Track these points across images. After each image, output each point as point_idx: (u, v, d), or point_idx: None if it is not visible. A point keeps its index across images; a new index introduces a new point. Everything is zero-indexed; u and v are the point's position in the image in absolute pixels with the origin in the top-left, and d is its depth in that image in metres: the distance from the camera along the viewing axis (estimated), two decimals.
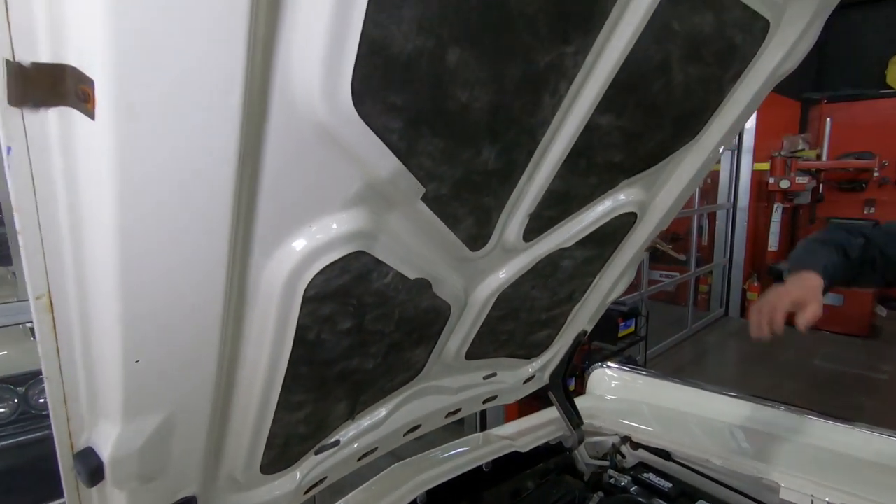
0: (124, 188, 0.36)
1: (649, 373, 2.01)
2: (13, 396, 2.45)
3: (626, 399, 1.81)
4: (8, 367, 2.56)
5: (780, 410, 1.50)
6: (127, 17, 0.30)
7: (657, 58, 0.77)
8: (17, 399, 2.46)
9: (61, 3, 0.30)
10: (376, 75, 0.46)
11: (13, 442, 2.43)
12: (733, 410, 1.58)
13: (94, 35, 0.30)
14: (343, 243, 0.59)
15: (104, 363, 0.48)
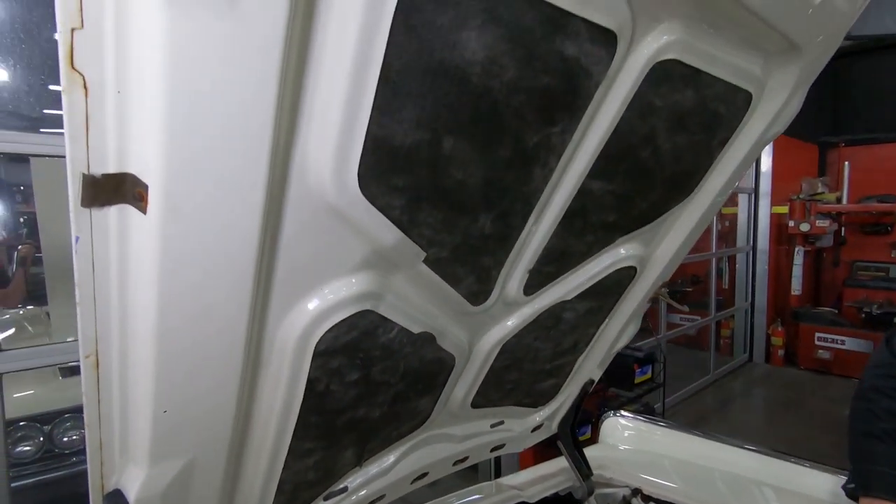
0: (164, 269, 0.43)
1: (665, 423, 1.98)
2: (39, 435, 2.52)
3: (640, 450, 1.79)
4: (35, 406, 2.65)
5: (808, 468, 1.46)
6: (176, 138, 0.38)
7: (643, 130, 0.84)
8: (43, 438, 2.53)
9: (128, 127, 0.38)
10: (379, 164, 0.53)
11: (38, 480, 2.48)
12: (755, 465, 1.55)
13: (151, 151, 0.38)
14: (351, 303, 0.65)
15: (136, 413, 0.55)
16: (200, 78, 0.37)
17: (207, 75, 0.37)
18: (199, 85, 0.37)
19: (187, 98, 0.37)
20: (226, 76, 0.38)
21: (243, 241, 0.47)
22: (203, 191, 0.42)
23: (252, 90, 0.40)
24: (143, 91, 0.37)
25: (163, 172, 0.39)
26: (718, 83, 0.88)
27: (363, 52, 0.45)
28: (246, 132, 0.41)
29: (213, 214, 0.43)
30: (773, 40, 0.90)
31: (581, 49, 0.63)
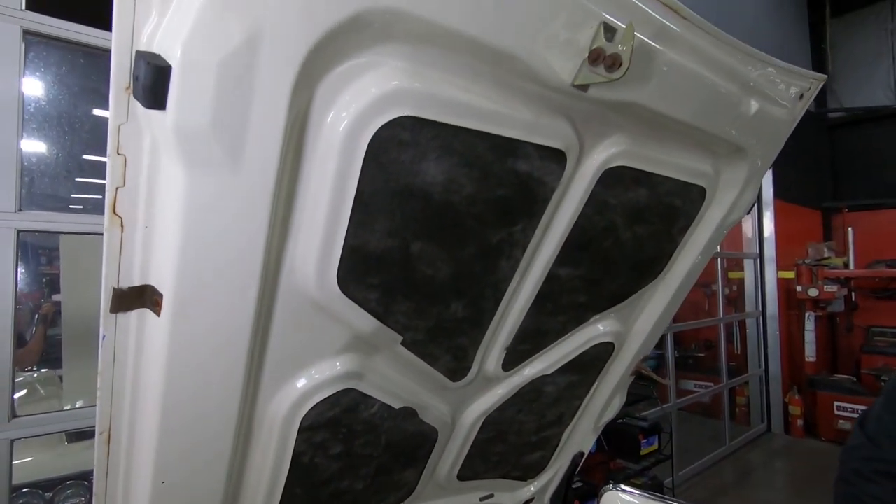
0: (171, 358, 0.53)
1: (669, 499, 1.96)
2: (40, 501, 2.53)
3: None
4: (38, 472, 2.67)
5: None
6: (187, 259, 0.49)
7: (602, 224, 0.95)
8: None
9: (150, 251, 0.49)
10: (355, 267, 0.63)
11: None
12: None
13: (167, 268, 0.49)
14: (334, 383, 0.73)
15: (139, 483, 0.62)
16: (207, 214, 0.48)
17: (213, 212, 0.48)
18: (206, 219, 0.48)
19: (197, 229, 0.48)
20: (227, 211, 0.49)
21: (237, 334, 0.56)
22: (205, 296, 0.52)
23: (247, 220, 0.51)
24: (164, 225, 0.48)
25: (175, 284, 0.50)
26: (670, 181, 0.99)
27: (340, 183, 0.57)
28: (242, 251, 0.52)
29: (213, 314, 0.53)
30: (719, 145, 1.02)
31: (533, 165, 0.74)
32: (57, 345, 3.78)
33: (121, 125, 0.43)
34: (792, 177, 6.61)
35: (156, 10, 0.40)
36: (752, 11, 6.23)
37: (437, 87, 0.58)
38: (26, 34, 1.69)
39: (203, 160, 0.45)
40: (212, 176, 0.46)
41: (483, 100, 0.64)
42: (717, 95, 0.90)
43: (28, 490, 2.56)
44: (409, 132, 0.58)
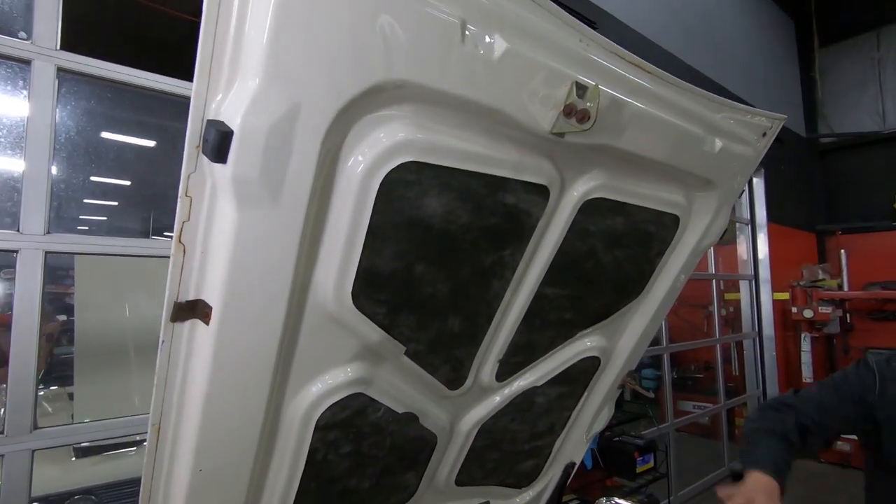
0: (215, 361, 0.64)
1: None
2: None
3: None
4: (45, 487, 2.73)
5: None
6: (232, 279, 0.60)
7: (584, 248, 1.06)
8: None
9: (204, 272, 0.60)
10: (367, 286, 0.75)
11: None
12: None
13: (216, 286, 0.60)
14: (346, 387, 0.84)
15: (179, 470, 0.72)
16: (250, 243, 0.60)
17: (255, 241, 0.60)
18: (249, 247, 0.60)
19: (241, 255, 0.60)
20: (265, 241, 0.61)
21: (268, 343, 0.67)
22: (244, 310, 0.63)
23: (281, 248, 0.62)
24: (216, 252, 0.59)
25: (222, 299, 0.61)
26: (645, 210, 1.11)
27: (356, 217, 0.68)
28: (275, 273, 0.63)
29: (250, 325, 0.64)
30: (689, 178, 1.14)
31: (519, 198, 0.86)
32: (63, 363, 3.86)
33: (190, 174, 0.55)
34: (786, 200, 6.77)
35: (223, 88, 0.53)
36: (746, 45, 6.48)
37: (436, 136, 0.70)
38: (60, 71, 1.84)
39: (250, 201, 0.57)
40: (256, 213, 0.58)
41: (475, 146, 0.76)
42: (683, 136, 1.02)
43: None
44: (414, 174, 0.70)
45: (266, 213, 0.59)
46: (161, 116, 3.85)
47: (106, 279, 3.01)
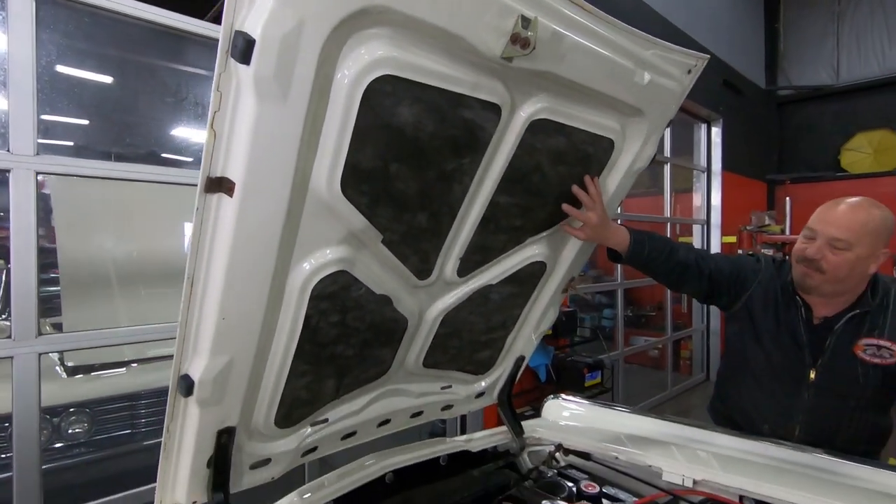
0: (237, 228, 0.83)
1: (596, 402, 2.37)
2: (48, 426, 2.79)
3: (573, 423, 2.16)
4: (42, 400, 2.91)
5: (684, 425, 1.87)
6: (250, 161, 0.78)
7: (531, 163, 1.27)
8: (52, 429, 2.79)
9: (229, 153, 0.78)
10: (353, 178, 0.94)
11: (45, 468, 2.73)
12: (650, 426, 1.95)
13: (238, 166, 0.79)
14: (334, 264, 1.05)
15: (206, 318, 0.92)
16: (265, 131, 0.78)
17: (268, 130, 0.78)
18: (264, 134, 0.78)
19: (258, 141, 0.78)
20: (276, 130, 0.79)
21: (276, 217, 0.86)
22: (259, 188, 0.82)
23: (288, 137, 0.80)
24: (239, 136, 0.77)
25: (242, 177, 0.79)
26: (584, 133, 1.32)
27: (344, 120, 0.87)
28: (282, 158, 0.81)
29: (263, 201, 0.83)
30: (622, 106, 1.35)
31: (476, 114, 1.06)
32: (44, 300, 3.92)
33: (221, 73, 0.72)
34: (741, 149, 7.13)
35: (246, 5, 0.69)
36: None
37: (409, 55, 0.88)
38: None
39: (266, 97, 0.74)
40: (270, 107, 0.76)
41: (441, 66, 0.94)
42: (616, 68, 1.22)
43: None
44: (390, 86, 0.88)
45: (277, 108, 0.77)
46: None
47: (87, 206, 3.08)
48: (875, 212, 1.58)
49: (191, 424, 1.04)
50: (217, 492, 1.14)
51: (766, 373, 1.83)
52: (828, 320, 1.70)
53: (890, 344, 1.61)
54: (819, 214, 1.66)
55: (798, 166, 8.06)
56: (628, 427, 1.97)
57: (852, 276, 1.61)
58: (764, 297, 1.80)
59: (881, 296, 1.65)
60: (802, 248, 1.66)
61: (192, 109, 4.52)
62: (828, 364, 1.70)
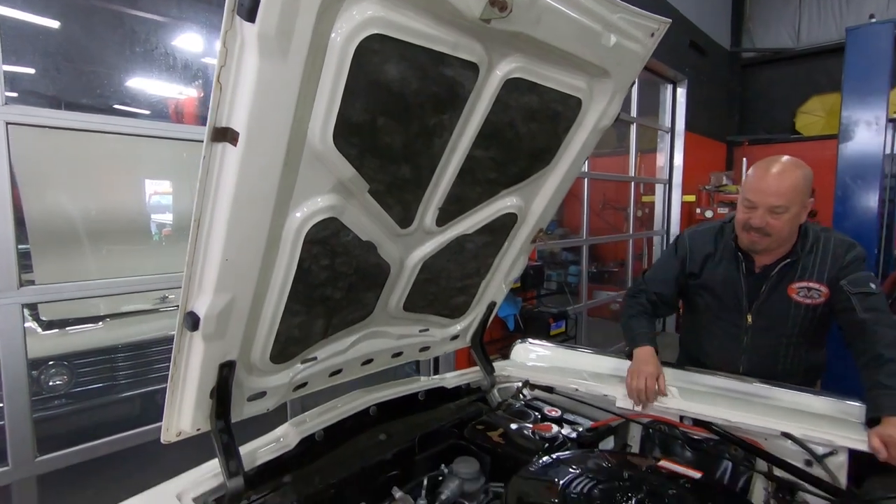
0: (239, 175, 0.90)
1: (560, 345, 2.58)
2: None
3: (539, 363, 2.36)
4: None
5: None
6: (252, 113, 0.86)
7: (505, 119, 1.37)
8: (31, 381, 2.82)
9: (233, 105, 0.85)
10: (344, 130, 1.02)
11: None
12: (608, 364, 2.16)
13: (242, 117, 0.86)
14: (325, 211, 1.14)
15: (209, 259, 1.01)
16: (266, 86, 0.85)
17: (269, 85, 0.85)
18: (265, 88, 0.85)
19: (260, 94, 0.85)
20: (275, 84, 0.86)
21: (275, 165, 0.94)
22: (260, 138, 0.89)
23: (286, 91, 0.88)
24: (242, 90, 0.84)
25: (245, 127, 0.87)
26: (554, 91, 1.42)
27: (337, 75, 0.94)
28: (281, 109, 0.89)
29: (263, 150, 0.91)
30: (589, 67, 1.45)
31: (456, 72, 1.14)
32: None
33: (227, 30, 0.78)
34: (703, 110, 7.34)
35: None
36: None
37: (396, 16, 0.95)
38: None
39: (268, 54, 0.81)
40: (271, 63, 0.83)
41: (425, 26, 1.02)
42: (585, 30, 1.30)
43: None
44: (379, 45, 0.96)
45: (278, 64, 0.84)
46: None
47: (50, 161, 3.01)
48: (799, 172, 1.76)
49: (195, 358, 1.15)
50: (219, 420, 1.26)
51: (711, 320, 2.06)
52: (766, 268, 1.91)
53: (818, 285, 1.83)
54: (754, 184, 1.81)
55: (757, 128, 8.37)
56: (589, 365, 2.18)
57: (793, 231, 1.82)
58: (705, 262, 2.01)
59: (811, 242, 1.86)
60: (746, 217, 1.82)
61: (146, 57, 4.34)
62: (762, 307, 1.92)
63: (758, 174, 1.80)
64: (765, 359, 1.98)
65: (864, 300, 1.67)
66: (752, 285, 1.94)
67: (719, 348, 2.07)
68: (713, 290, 2.02)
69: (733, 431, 1.54)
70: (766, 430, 1.49)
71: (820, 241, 1.86)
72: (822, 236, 1.87)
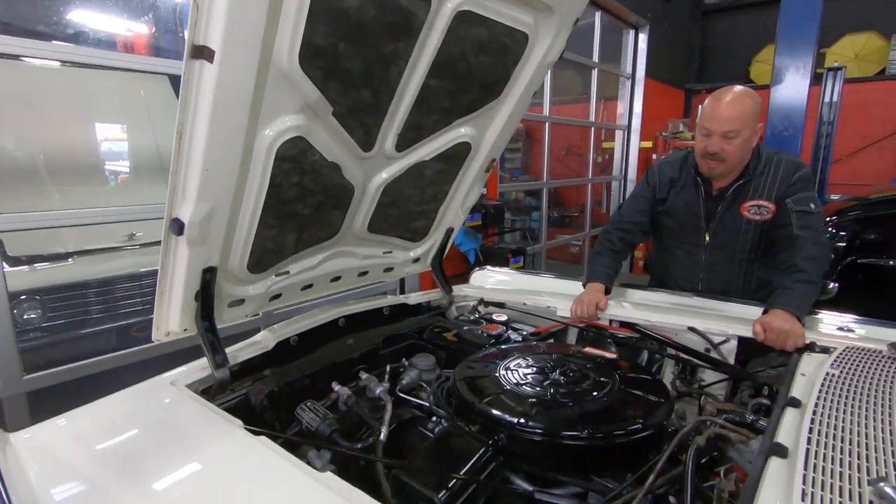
0: (216, 88, 1.02)
1: (517, 271, 2.81)
2: None
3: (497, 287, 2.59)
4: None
5: None
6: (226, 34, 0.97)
7: (457, 50, 1.50)
8: None
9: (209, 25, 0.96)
10: (308, 53, 1.14)
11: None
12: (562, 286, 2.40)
13: (216, 36, 0.97)
14: (293, 130, 1.27)
15: (192, 168, 1.14)
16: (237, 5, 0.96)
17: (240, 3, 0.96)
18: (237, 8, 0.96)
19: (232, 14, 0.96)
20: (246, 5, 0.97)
21: (247, 82, 1.07)
22: (233, 56, 1.01)
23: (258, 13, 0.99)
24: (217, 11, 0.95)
25: (220, 46, 0.98)
26: (502, 25, 1.55)
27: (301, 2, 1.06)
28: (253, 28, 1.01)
29: (236, 66, 1.03)
30: (535, 2, 1.57)
31: (410, 2, 1.26)
32: None
33: None
34: (664, 58, 7.49)
35: None
36: None
37: None
38: None
39: None
40: None
41: None
42: None
43: None
44: None
45: None
46: None
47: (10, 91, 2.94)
48: (748, 99, 1.93)
49: (181, 262, 1.29)
50: (204, 321, 1.42)
51: (674, 243, 2.27)
52: (721, 190, 2.10)
53: (767, 203, 2.03)
54: (708, 113, 1.97)
55: (716, 77, 8.61)
56: (541, 286, 2.42)
57: (745, 154, 2.00)
58: (671, 188, 2.21)
59: (763, 164, 2.04)
60: (703, 145, 1.98)
61: None
62: (717, 227, 2.12)
63: (711, 104, 1.97)
64: (721, 275, 2.18)
65: (801, 218, 1.88)
66: (710, 207, 2.12)
67: (681, 267, 2.27)
68: (675, 215, 2.21)
69: (652, 330, 1.82)
70: (677, 327, 1.77)
71: (772, 161, 2.03)
72: (774, 158, 2.05)
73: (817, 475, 0.80)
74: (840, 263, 3.61)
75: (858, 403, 1.02)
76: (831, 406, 1.02)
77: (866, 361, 1.26)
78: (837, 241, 3.70)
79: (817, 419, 0.96)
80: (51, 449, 1.12)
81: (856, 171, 7.29)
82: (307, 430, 1.28)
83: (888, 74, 7.28)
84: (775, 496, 0.77)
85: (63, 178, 3.41)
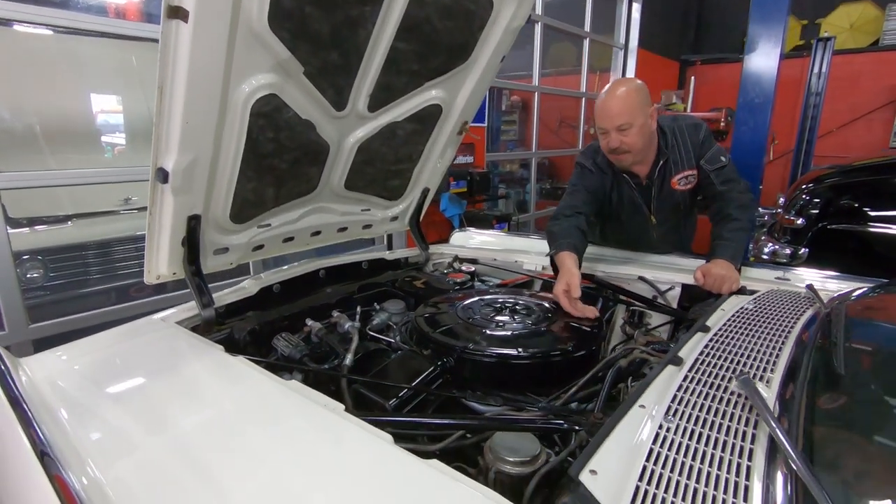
0: (192, 47, 1.14)
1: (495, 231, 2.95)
2: None
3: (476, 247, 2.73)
4: None
5: None
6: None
7: (422, 15, 1.59)
8: None
9: None
10: (277, 14, 1.25)
11: None
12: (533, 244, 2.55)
13: None
14: (266, 88, 1.38)
15: (173, 122, 1.27)
16: None
17: None
18: None
19: None
20: None
21: (221, 40, 1.18)
22: (206, 16, 1.13)
23: None
24: None
25: (194, 7, 1.10)
26: None
27: None
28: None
29: (211, 25, 1.15)
30: None
31: None
32: None
33: None
34: (658, 28, 7.46)
35: None
36: None
37: None
38: None
39: None
40: None
41: None
42: None
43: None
44: None
45: None
46: None
47: None
48: (631, 89, 1.99)
49: (167, 209, 1.43)
50: (191, 265, 1.57)
51: (623, 230, 2.41)
52: (648, 177, 2.22)
53: (691, 171, 2.18)
54: (599, 113, 2.01)
55: (710, 48, 8.56)
56: (517, 245, 2.56)
57: (647, 139, 2.07)
58: (605, 187, 2.27)
59: (670, 137, 2.16)
60: (605, 143, 2.05)
61: None
62: (658, 208, 2.26)
63: (599, 104, 2.02)
64: (670, 240, 2.38)
65: (719, 174, 2.04)
66: (645, 193, 2.25)
67: (636, 247, 2.41)
68: (618, 212, 2.33)
69: (608, 280, 1.96)
70: (629, 276, 1.92)
71: (676, 133, 2.13)
72: (675, 127, 2.15)
73: (699, 376, 0.95)
74: (811, 230, 3.72)
75: (757, 329, 1.17)
76: (733, 331, 1.16)
77: (783, 300, 1.41)
78: (810, 208, 3.81)
79: (716, 339, 1.11)
80: (55, 372, 1.27)
81: (846, 144, 7.34)
82: (281, 356, 1.44)
83: (882, 45, 7.26)
84: (661, 390, 0.93)
85: (60, 147, 3.51)
